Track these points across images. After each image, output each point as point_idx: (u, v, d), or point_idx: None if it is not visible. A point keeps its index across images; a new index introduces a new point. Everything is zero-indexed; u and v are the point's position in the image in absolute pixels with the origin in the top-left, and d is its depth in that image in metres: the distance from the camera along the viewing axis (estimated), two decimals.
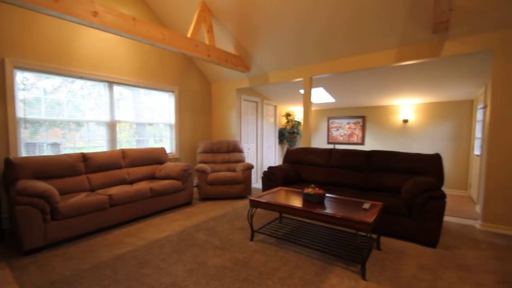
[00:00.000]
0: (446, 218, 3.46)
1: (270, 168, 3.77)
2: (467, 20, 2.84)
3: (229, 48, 4.57)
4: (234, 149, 4.99)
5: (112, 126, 4.06)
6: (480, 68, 3.55)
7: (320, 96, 5.77)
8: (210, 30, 4.04)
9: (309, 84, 4.36)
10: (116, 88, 4.11)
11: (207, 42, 4.04)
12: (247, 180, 4.39)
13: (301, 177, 4.00)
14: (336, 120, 6.74)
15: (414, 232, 2.62)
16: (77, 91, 3.67)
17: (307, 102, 4.40)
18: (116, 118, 4.12)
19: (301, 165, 4.12)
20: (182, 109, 5.23)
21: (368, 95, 5.31)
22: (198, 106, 5.59)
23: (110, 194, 3.04)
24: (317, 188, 2.59)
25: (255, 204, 2.66)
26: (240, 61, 4.67)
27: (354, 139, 6.47)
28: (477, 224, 3.14)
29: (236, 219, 3.37)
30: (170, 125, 5.06)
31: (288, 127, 7.33)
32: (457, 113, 5.08)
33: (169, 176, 3.89)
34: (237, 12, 3.78)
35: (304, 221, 3.19)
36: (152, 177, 4.03)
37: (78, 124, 3.71)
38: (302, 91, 5.46)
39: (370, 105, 6.09)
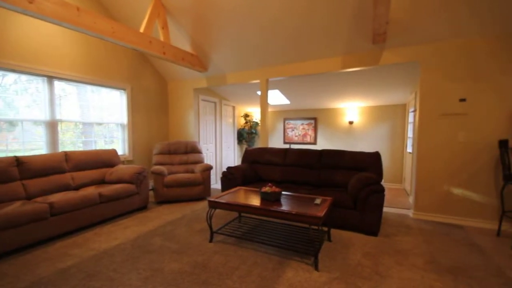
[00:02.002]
0: (385, 209, 3.90)
1: (229, 168, 3.80)
2: (400, 33, 3.25)
3: (186, 46, 4.47)
4: (193, 150, 4.90)
5: (52, 126, 3.65)
6: (411, 76, 4.08)
7: (277, 98, 5.99)
8: (165, 27, 3.91)
9: (266, 86, 4.50)
10: (57, 83, 3.71)
11: (162, 38, 3.90)
12: (206, 181, 4.35)
13: (260, 176, 4.12)
14: (291, 121, 7.06)
15: (359, 223, 2.91)
16: (9, 86, 3.23)
17: (264, 103, 4.53)
18: (58, 117, 3.72)
19: (259, 165, 4.24)
20: (136, 108, 4.94)
21: (319, 98, 5.69)
22: (154, 105, 5.34)
23: (50, 202, 2.75)
24: (274, 187, 2.70)
25: (214, 205, 2.67)
26: (197, 60, 4.60)
27: (308, 139, 6.85)
28: (410, 213, 3.61)
29: (195, 222, 3.33)
30: (122, 125, 4.75)
31: (246, 128, 7.43)
32: (393, 115, 5.75)
33: (122, 180, 3.66)
34: (193, 9, 3.72)
35: (262, 219, 3.30)
36: (101, 182, 3.74)
37: (11, 123, 3.26)
38: (259, 93, 5.60)
39: (321, 107, 6.53)
